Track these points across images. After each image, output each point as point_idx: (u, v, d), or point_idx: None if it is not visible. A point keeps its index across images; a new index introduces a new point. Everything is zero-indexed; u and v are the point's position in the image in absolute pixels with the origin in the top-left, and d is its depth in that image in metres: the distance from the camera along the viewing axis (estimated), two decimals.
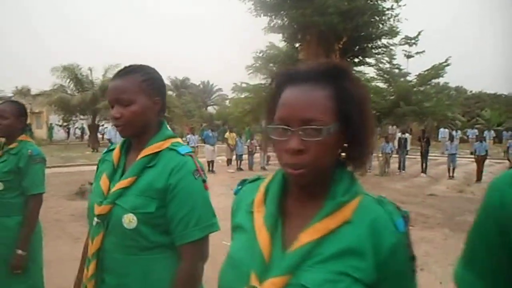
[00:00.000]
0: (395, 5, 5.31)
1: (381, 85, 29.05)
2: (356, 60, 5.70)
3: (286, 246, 0.96)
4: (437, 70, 26.62)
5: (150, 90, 1.53)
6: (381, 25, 5.30)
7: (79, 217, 7.28)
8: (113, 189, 1.48)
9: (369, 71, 22.37)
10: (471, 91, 48.01)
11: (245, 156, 16.53)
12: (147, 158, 1.51)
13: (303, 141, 0.92)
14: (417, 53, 26.89)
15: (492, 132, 24.24)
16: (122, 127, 1.50)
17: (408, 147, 16.43)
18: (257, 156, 16.71)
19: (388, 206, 1.00)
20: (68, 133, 32.35)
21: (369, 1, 4.98)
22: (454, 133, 29.42)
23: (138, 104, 1.49)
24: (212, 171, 14.65)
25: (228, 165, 15.78)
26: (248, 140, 16.79)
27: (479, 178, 14.11)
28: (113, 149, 1.67)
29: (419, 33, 5.60)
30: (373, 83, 26.88)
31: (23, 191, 2.73)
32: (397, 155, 16.23)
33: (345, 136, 0.98)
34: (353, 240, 0.94)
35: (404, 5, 5.37)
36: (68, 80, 25.57)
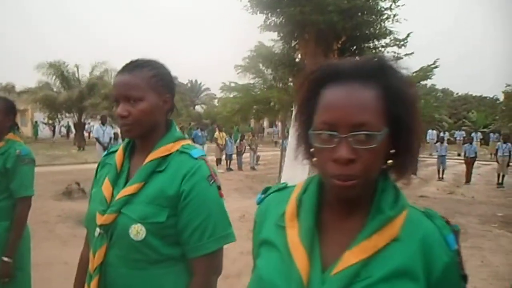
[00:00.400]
0: (393, 5, 5.22)
1: None
2: None
3: (326, 266, 0.84)
4: (425, 72, 26.93)
5: (160, 87, 1.39)
6: (379, 25, 5.20)
7: (66, 218, 7.07)
8: (117, 196, 1.33)
9: None
10: (457, 93, 48.59)
11: (233, 156, 16.39)
12: (156, 162, 1.36)
13: (353, 149, 0.80)
14: (406, 54, 27.31)
15: (479, 134, 24.43)
16: (129, 127, 1.34)
17: None
18: (245, 156, 16.57)
19: (438, 220, 0.89)
20: (54, 131, 31.80)
21: (368, 0, 4.88)
22: (442, 134, 29.74)
23: (147, 101, 1.35)
24: None
25: (217, 165, 15.60)
26: (238, 140, 16.62)
27: (468, 179, 14.22)
28: (114, 152, 1.51)
29: (408, 35, 5.62)
30: None
31: (11, 194, 2.54)
32: None
33: (393, 141, 0.85)
34: (404, 260, 0.82)
35: (403, 5, 5.29)
36: (54, 77, 25.14)
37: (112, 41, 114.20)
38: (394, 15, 5.34)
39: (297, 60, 5.87)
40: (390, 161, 0.87)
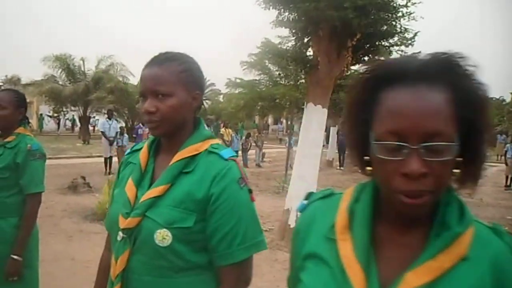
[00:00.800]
0: (409, 3, 5.10)
1: None
2: (366, 58, 5.50)
3: (384, 286, 0.76)
4: None
5: (190, 82, 1.30)
6: (394, 23, 5.09)
7: (71, 213, 7.01)
8: (142, 199, 1.24)
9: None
10: None
11: (239, 153, 16.32)
12: (183, 162, 1.27)
13: (425, 161, 0.71)
14: (413, 53, 27.11)
15: None
16: (157, 124, 1.25)
17: None
18: (251, 153, 16.48)
19: (507, 237, 0.80)
20: (59, 124, 31.79)
21: None
22: None
23: (177, 97, 1.25)
24: None
25: None
26: (243, 137, 16.53)
27: None
28: (138, 150, 1.42)
29: (415, 34, 5.47)
30: None
31: (20, 190, 2.46)
32: None
33: (461, 148, 0.75)
34: (474, 283, 0.74)
35: (420, 2, 5.16)
36: (59, 70, 25.11)
37: (118, 35, 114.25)
38: (410, 13, 5.21)
39: (309, 57, 5.76)
40: (457, 171, 0.78)
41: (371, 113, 0.78)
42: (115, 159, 12.14)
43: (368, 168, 0.81)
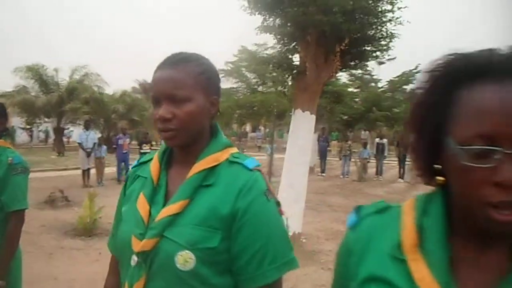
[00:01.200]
0: (395, 7, 5.09)
1: (354, 90, 29.65)
2: (352, 63, 5.46)
3: None
4: (408, 77, 27.35)
5: (208, 85, 1.15)
6: (380, 27, 5.07)
7: (50, 229, 6.69)
8: (159, 217, 1.08)
9: (340, 76, 22.55)
10: None
11: None
12: (202, 174, 1.12)
13: None
14: (388, 59, 27.68)
15: None
16: (173, 132, 1.10)
17: (386, 153, 16.43)
18: None
19: None
20: (31, 136, 30.92)
21: (371, 2, 4.73)
22: None
23: (195, 103, 1.11)
24: None
25: None
26: None
27: None
28: (145, 162, 1.27)
29: (390, 40, 5.51)
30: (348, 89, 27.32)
31: (1, 207, 2.25)
32: (374, 160, 16.19)
33: None
34: None
35: (405, 7, 5.16)
36: (32, 81, 24.40)
37: (92, 41, 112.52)
38: (397, 18, 5.20)
39: (295, 63, 5.68)
40: None
41: (445, 115, 0.68)
42: (93, 171, 11.79)
43: (439, 178, 0.72)
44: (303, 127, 5.61)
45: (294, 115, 5.77)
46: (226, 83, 36.50)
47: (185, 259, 1.03)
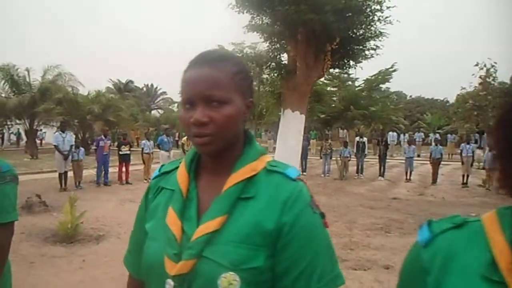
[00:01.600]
0: (383, 6, 5.07)
1: (332, 89, 29.85)
2: (341, 62, 5.41)
3: None
4: (384, 75, 27.68)
5: (245, 87, 1.04)
6: (369, 27, 5.03)
7: (29, 236, 6.40)
8: (196, 235, 0.95)
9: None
10: (410, 96, 50.50)
11: None
12: (240, 186, 0.99)
13: None
14: (365, 58, 28.02)
15: (438, 135, 25.33)
16: (210, 138, 0.97)
17: (366, 151, 16.56)
18: None
19: None
20: (2, 138, 29.93)
21: (361, 1, 4.69)
22: (402, 136, 30.55)
23: (234, 105, 0.99)
24: None
25: None
26: None
27: (434, 180, 14.52)
28: (168, 172, 1.13)
29: (379, 39, 5.53)
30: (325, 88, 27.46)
31: None
32: (354, 159, 16.28)
33: None
34: None
35: (394, 6, 5.14)
36: (2, 82, 23.56)
37: (66, 44, 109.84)
38: (386, 17, 5.17)
39: (284, 62, 5.58)
40: None
41: None
42: (70, 174, 11.43)
43: None
44: (293, 127, 5.52)
45: (284, 115, 5.67)
46: None
47: (229, 282, 0.91)
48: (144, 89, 53.75)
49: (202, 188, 1.06)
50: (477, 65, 21.23)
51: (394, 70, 27.08)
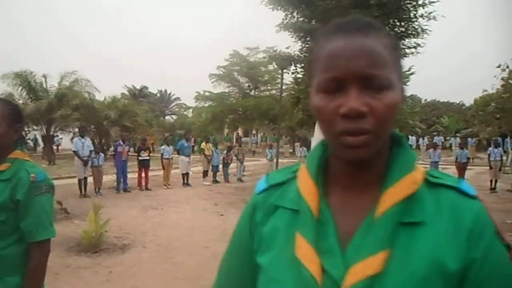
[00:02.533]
0: (426, 1, 4.76)
1: None
2: None
3: None
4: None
5: (401, 68, 0.77)
6: (411, 23, 4.72)
7: (52, 245, 6.07)
8: (351, 279, 0.67)
9: None
10: (425, 99, 49.67)
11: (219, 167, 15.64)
12: (401, 207, 0.70)
13: None
14: (404, 56, 27.59)
15: (458, 139, 24.76)
16: (369, 138, 0.69)
17: None
18: (232, 166, 15.83)
19: None
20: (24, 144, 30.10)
21: None
22: (421, 140, 30.01)
23: (397, 91, 0.72)
24: (188, 184, 13.65)
25: (204, 177, 14.76)
26: (225, 151, 15.83)
27: None
28: (281, 184, 0.85)
29: (421, 36, 5.21)
30: None
31: (22, 237, 1.80)
32: None
33: None
34: None
35: (437, 1, 4.83)
36: (20, 88, 23.64)
37: (80, 50, 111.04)
38: (430, 13, 4.86)
39: None
40: None
41: None
42: (90, 180, 11.24)
43: None
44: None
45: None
46: (218, 88, 36.09)
47: None
48: (158, 94, 53.87)
49: (337, 205, 0.77)
50: (499, 66, 20.63)
51: (412, 73, 26.62)
